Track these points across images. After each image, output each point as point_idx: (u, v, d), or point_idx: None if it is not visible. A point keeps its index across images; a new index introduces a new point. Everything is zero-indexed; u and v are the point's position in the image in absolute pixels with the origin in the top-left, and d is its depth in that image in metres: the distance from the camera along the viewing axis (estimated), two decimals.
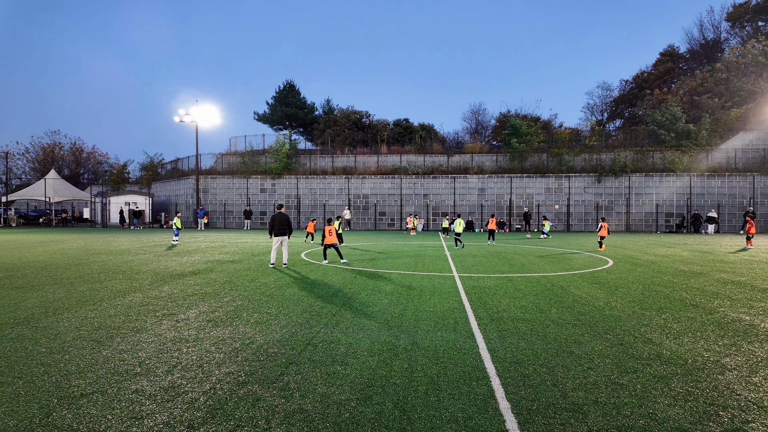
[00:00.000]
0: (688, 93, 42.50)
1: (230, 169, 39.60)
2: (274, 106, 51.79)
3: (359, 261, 13.86)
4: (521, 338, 5.61)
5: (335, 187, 37.41)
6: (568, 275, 11.00)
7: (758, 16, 50.51)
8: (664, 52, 54.37)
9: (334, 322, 6.36)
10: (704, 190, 33.78)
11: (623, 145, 36.94)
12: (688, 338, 5.65)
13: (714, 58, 49.53)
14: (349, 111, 47.58)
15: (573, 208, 34.99)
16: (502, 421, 3.44)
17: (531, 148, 36.57)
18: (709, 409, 3.68)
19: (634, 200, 34.38)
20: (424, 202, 36.51)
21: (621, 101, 55.59)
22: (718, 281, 10.08)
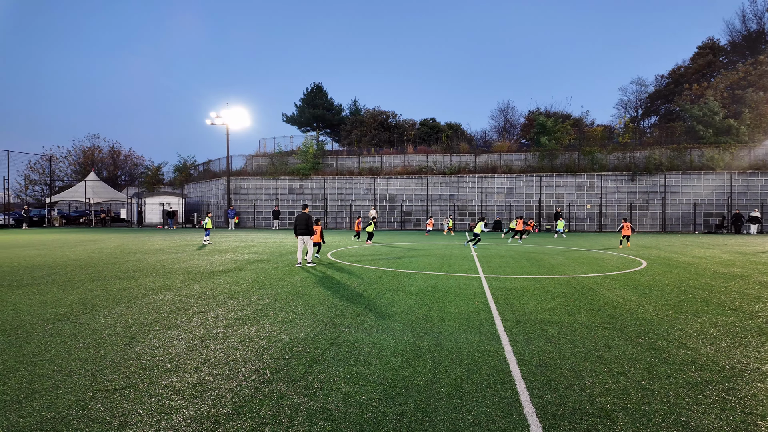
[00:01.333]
0: (729, 87, 40.59)
1: (259, 170, 40.39)
2: (302, 107, 52.52)
3: (384, 260, 13.88)
4: (548, 341, 5.49)
5: (362, 187, 37.60)
6: (599, 277, 10.70)
7: None
8: (703, 45, 52.08)
9: (358, 322, 6.40)
10: (746, 189, 32.19)
11: (658, 143, 35.63)
12: (725, 344, 5.40)
13: (758, 50, 47.11)
14: (375, 111, 47.73)
15: (605, 208, 34.00)
16: (527, 425, 3.38)
17: (561, 147, 35.75)
18: (746, 418, 3.51)
19: (670, 199, 33.12)
20: (451, 202, 36.23)
21: (656, 97, 53.63)
22: (760, 284, 9.59)
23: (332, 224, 37.61)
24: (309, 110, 51.42)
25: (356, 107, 53.90)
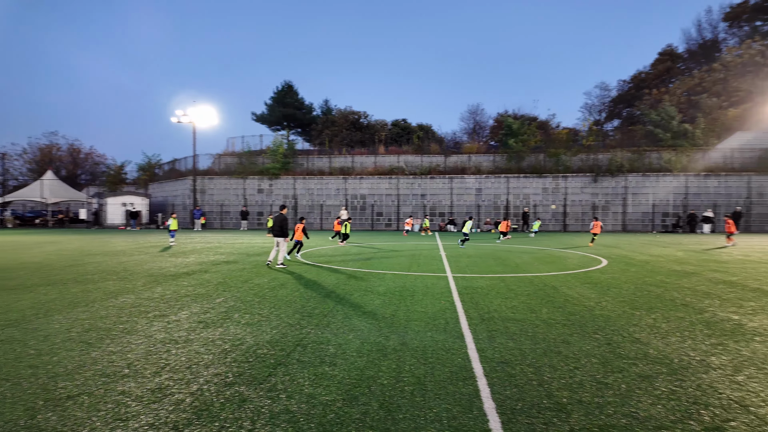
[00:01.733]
0: (686, 93, 42.64)
1: (227, 169, 39.60)
2: (272, 106, 51.83)
3: (354, 261, 13.88)
4: (510, 338, 5.63)
5: (333, 187, 37.43)
6: (561, 275, 11.04)
7: (756, 16, 50.65)
8: (662, 51, 54.50)
9: (325, 323, 6.38)
10: (700, 190, 33.86)
11: (620, 145, 37.01)
12: (675, 338, 5.68)
13: (712, 58, 49.65)
14: (347, 111, 47.63)
15: (570, 208, 35.05)
16: (486, 421, 3.47)
17: (528, 148, 36.63)
18: (691, 408, 3.71)
19: (630, 200, 34.46)
20: (422, 203, 36.54)
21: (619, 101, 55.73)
22: (710, 281, 10.12)
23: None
24: (279, 109, 50.79)
25: (328, 107, 53.65)
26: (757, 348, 5.28)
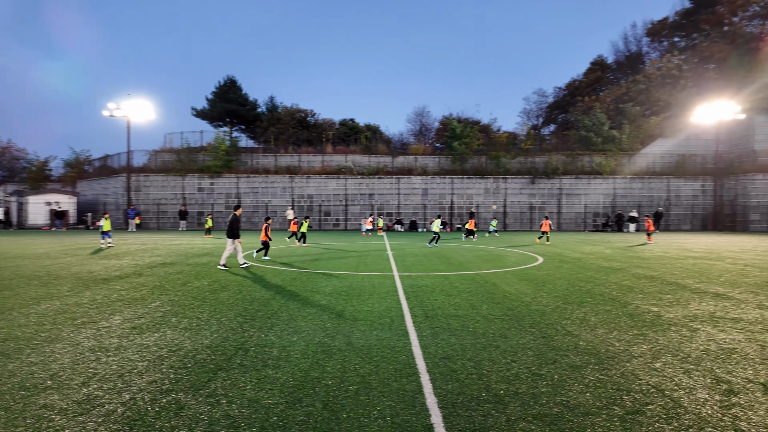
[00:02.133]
0: (614, 101, 45.81)
1: (165, 167, 37.66)
2: (214, 101, 49.87)
3: (300, 262, 13.70)
4: (452, 334, 5.81)
5: (278, 186, 36.66)
6: (501, 272, 11.51)
7: (674, 33, 55.40)
8: (594, 61, 58.22)
9: (269, 325, 6.25)
10: (627, 192, 36.55)
11: (556, 149, 39.17)
12: (603, 330, 6.11)
13: (637, 70, 53.70)
14: (293, 109, 46.83)
15: (509, 209, 36.60)
16: (428, 415, 3.56)
17: (471, 151, 37.84)
18: (615, 394, 4.01)
19: (565, 201, 36.54)
20: (370, 203, 36.68)
21: (555, 107, 58.84)
22: (634, 276, 10.97)
23: (246, 225, 36.21)
24: (221, 105, 48.96)
25: (273, 104, 52.40)
26: (672, 337, 5.79)
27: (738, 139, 37.05)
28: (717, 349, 5.29)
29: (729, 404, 3.80)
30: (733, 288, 9.30)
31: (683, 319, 6.71)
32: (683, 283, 9.95)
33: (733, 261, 14.07)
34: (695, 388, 4.12)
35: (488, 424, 3.43)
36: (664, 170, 37.36)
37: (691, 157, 37.68)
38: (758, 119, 35.41)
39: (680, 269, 12.19)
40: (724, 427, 3.40)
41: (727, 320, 6.63)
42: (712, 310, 7.32)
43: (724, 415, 3.59)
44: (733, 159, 36.82)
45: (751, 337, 5.79)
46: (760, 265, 13.13)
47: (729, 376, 4.41)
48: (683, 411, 3.66)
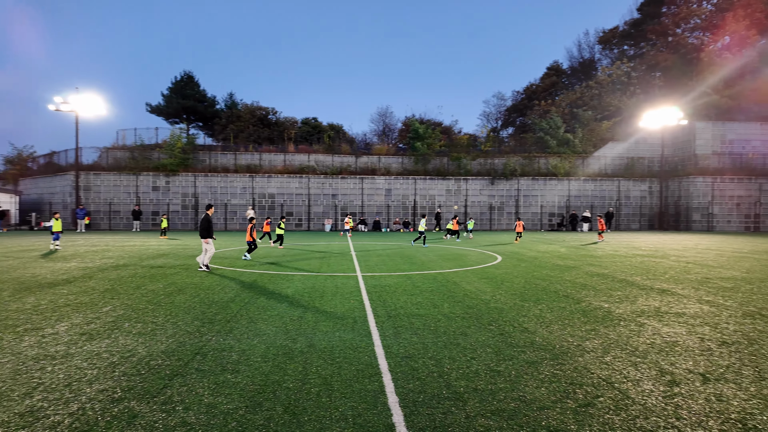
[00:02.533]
0: (569, 105, 47.67)
1: (117, 164, 35.98)
2: (170, 97, 48.14)
3: (261, 263, 13.44)
4: (414, 333, 5.87)
5: (238, 185, 35.81)
6: (462, 271, 11.74)
7: (624, 41, 58.31)
8: (550, 67, 60.41)
9: (228, 328, 6.11)
10: (580, 193, 38.14)
11: (514, 151, 40.36)
12: (557, 326, 6.35)
13: (590, 75, 56.14)
14: (254, 107, 45.90)
15: (470, 209, 37.38)
16: (390, 415, 3.58)
17: (433, 152, 38.39)
18: (568, 388, 4.18)
19: (522, 201, 37.71)
20: (333, 202, 36.47)
21: (513, 110, 60.61)
22: (586, 274, 11.46)
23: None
24: (178, 101, 47.33)
25: (233, 101, 51.18)
26: (621, 332, 6.10)
27: (681, 143, 39.43)
28: (662, 342, 5.61)
29: (672, 394, 4.04)
30: (676, 284, 9.90)
31: (631, 314, 7.08)
32: (632, 280, 10.50)
33: (676, 259, 14.96)
34: (642, 380, 4.35)
35: (448, 421, 3.50)
36: (615, 172, 39.24)
37: (639, 160, 39.76)
38: (699, 125, 37.82)
39: (629, 267, 12.84)
40: (668, 415, 3.62)
41: (671, 315, 7.05)
42: (657, 305, 7.76)
43: (668, 405, 3.82)
44: (676, 162, 39.16)
45: (692, 330, 6.18)
46: (700, 262, 14.03)
47: (672, 368, 4.70)
48: (631, 402, 3.86)
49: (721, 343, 5.58)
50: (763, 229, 35.79)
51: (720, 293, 8.82)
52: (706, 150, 37.65)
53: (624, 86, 46.72)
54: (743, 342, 5.61)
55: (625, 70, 47.74)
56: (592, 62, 62.57)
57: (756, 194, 35.80)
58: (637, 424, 3.47)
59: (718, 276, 11.07)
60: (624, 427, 3.41)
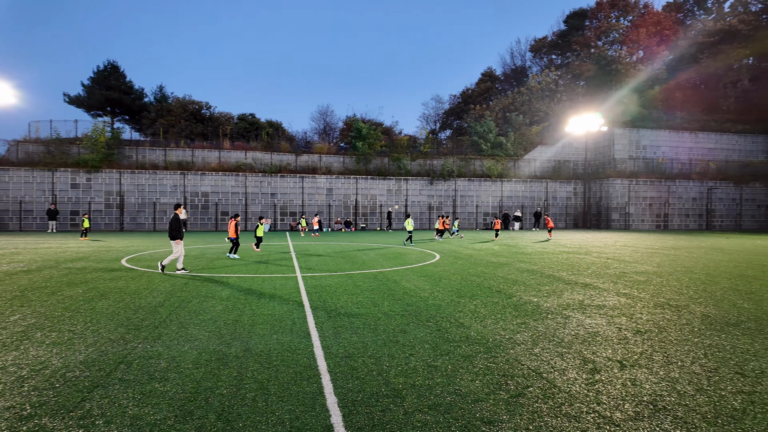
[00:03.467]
0: (502, 110, 49.89)
1: (30, 159, 32.71)
2: (92, 88, 44.55)
3: (193, 266, 12.81)
4: (354, 333, 5.86)
5: (168, 183, 33.87)
6: (402, 270, 11.91)
7: (552, 50, 62.05)
8: (484, 72, 62.89)
9: (156, 335, 5.75)
10: (512, 194, 40.08)
11: (451, 153, 41.60)
12: (491, 320, 6.62)
13: (521, 82, 59.15)
14: (186, 101, 43.66)
15: (410, 209, 38.02)
16: (328, 416, 3.55)
17: (374, 152, 38.62)
18: (500, 380, 4.36)
19: (459, 201, 38.97)
20: (272, 202, 35.55)
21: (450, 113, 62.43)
22: (518, 270, 12.05)
23: (131, 225, 32.92)
24: (101, 92, 43.90)
25: (163, 94, 48.29)
26: (549, 324, 6.47)
27: (602, 148, 42.64)
28: (585, 333, 6.03)
29: (593, 381, 4.34)
30: (597, 279, 10.68)
31: (558, 307, 7.54)
32: (558, 275, 11.18)
33: (597, 255, 16.15)
34: (567, 369, 4.65)
35: (387, 418, 3.53)
36: (544, 174, 41.66)
37: (565, 163, 42.48)
38: (617, 131, 41.10)
39: (556, 263, 13.67)
40: (590, 401, 3.89)
41: (593, 307, 7.59)
42: (581, 298, 8.32)
43: (590, 391, 4.10)
44: (598, 165, 42.30)
45: (611, 321, 6.69)
46: (618, 258, 15.25)
47: (594, 356, 5.05)
48: (557, 390, 4.11)
49: (635, 332, 6.08)
50: (671, 227, 39.59)
51: (635, 286, 9.63)
52: (623, 154, 40.99)
53: (552, 93, 49.72)
54: (654, 330, 6.16)
55: (553, 78, 50.82)
56: (523, 69, 66.01)
57: (665, 195, 39.53)
58: (563, 410, 3.70)
59: (633, 270, 12.09)
60: (551, 415, 3.62)
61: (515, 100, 50.40)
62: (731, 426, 3.44)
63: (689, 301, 8.10)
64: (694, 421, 3.52)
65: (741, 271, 11.92)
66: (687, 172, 41.21)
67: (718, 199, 40.48)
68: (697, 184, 40.17)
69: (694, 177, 40.54)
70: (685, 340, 5.66)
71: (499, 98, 55.02)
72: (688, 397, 3.97)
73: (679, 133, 42.37)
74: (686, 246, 20.49)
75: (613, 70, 47.25)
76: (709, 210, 40.30)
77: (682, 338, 5.76)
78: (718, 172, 41.36)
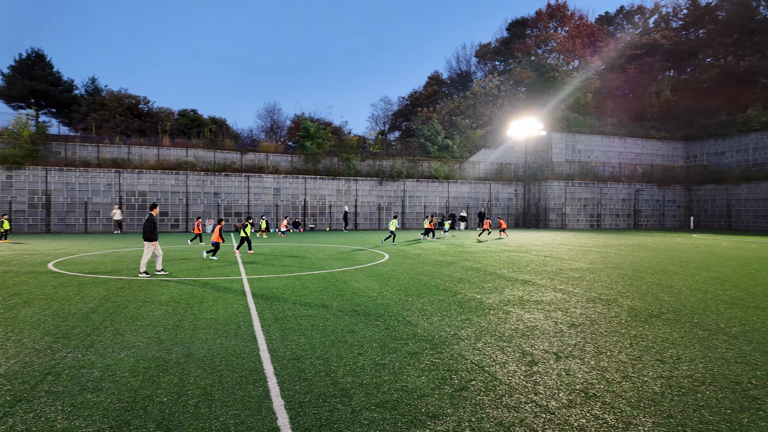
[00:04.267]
0: (448, 113, 51.14)
1: None
2: (14, 78, 40.95)
3: (130, 269, 12.12)
4: (302, 334, 5.82)
5: (102, 182, 31.75)
6: (351, 270, 11.93)
7: (496, 57, 64.36)
8: (431, 76, 64.16)
9: (88, 343, 5.41)
10: (458, 195, 41.22)
11: (400, 154, 42.11)
12: (437, 317, 6.80)
13: (466, 86, 60.93)
14: (122, 95, 41.17)
15: (360, 209, 38.09)
16: (275, 419, 3.51)
17: (324, 152, 38.30)
18: (445, 375, 4.50)
19: (408, 202, 39.54)
20: (215, 201, 34.28)
21: (399, 115, 63.12)
22: (463, 268, 12.44)
23: (59, 227, 30.54)
24: (24, 82, 40.42)
25: (95, 87, 45.22)
26: (491, 319, 6.74)
27: (541, 151, 44.82)
28: (524, 327, 6.34)
29: (531, 372, 4.59)
30: (536, 276, 11.24)
31: (500, 303, 7.87)
32: (500, 272, 11.66)
33: (536, 253, 16.99)
34: (508, 362, 4.88)
35: (334, 418, 3.55)
36: (487, 176, 43.19)
37: (507, 165, 44.26)
38: (554, 136, 43.36)
39: (498, 261, 14.24)
40: (528, 392, 4.11)
41: (531, 303, 7.99)
42: (521, 294, 8.73)
43: (528, 382, 4.33)
44: (537, 168, 44.42)
45: (548, 315, 7.08)
46: (555, 256, 16.12)
47: (532, 349, 5.34)
48: (498, 383, 4.30)
49: (570, 325, 6.48)
50: (603, 226, 42.33)
51: (570, 282, 10.24)
52: (560, 158, 43.32)
53: (495, 98, 51.61)
54: (587, 323, 6.59)
55: (495, 84, 52.77)
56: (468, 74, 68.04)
57: (598, 197, 42.22)
58: (503, 401, 3.89)
59: (569, 267, 12.84)
60: (492, 406, 3.79)
61: (461, 104, 51.84)
62: (651, 408, 3.76)
63: (618, 295, 8.73)
64: (620, 405, 3.82)
65: (663, 267, 12.99)
66: (617, 175, 44.22)
67: (644, 200, 43.78)
68: (626, 186, 43.24)
69: (624, 180, 43.60)
70: (614, 332, 6.11)
71: (445, 102, 56.35)
72: (615, 384, 4.29)
73: (610, 139, 45.38)
74: (616, 244, 22.02)
75: (551, 77, 49.84)
76: (636, 210, 43.50)
77: (611, 330, 6.21)
78: (644, 175, 44.74)
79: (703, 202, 43.92)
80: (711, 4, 54.30)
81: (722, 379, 4.41)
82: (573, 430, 3.40)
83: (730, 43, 50.12)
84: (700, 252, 17.73)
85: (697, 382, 4.33)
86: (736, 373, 4.55)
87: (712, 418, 3.59)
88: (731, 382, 4.33)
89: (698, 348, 5.39)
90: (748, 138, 41.54)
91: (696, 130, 47.25)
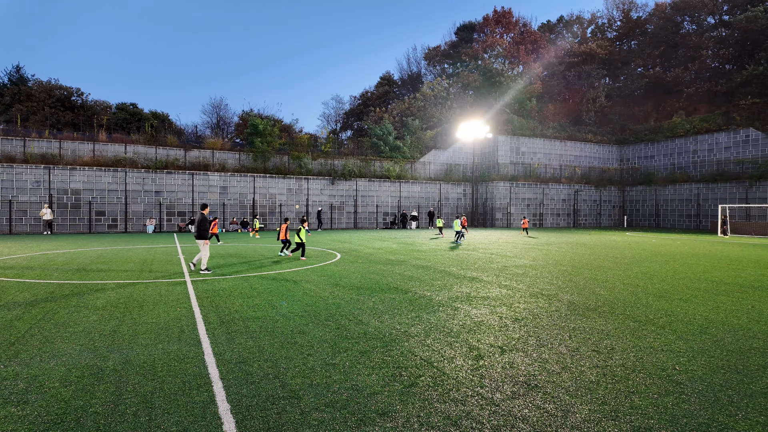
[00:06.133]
0: (399, 114, 51.67)
1: None
2: None
3: (61, 271, 11.30)
4: (250, 337, 5.67)
5: (29, 179, 29.35)
6: (302, 270, 11.77)
7: (445, 60, 65.74)
8: (382, 76, 64.60)
9: (11, 353, 4.99)
10: (410, 194, 41.76)
11: (352, 153, 42.04)
12: (388, 315, 6.86)
13: (417, 88, 61.80)
14: (51, 85, 38.28)
15: (312, 208, 37.64)
16: (220, 424, 3.41)
17: (273, 149, 37.50)
18: (395, 372, 4.55)
19: (360, 201, 39.55)
20: (157, 200, 32.64)
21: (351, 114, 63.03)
22: (414, 267, 12.62)
23: None
24: None
25: (21, 76, 41.73)
26: (440, 316, 6.89)
27: (488, 153, 46.33)
28: (471, 322, 6.53)
29: (477, 366, 4.74)
30: (483, 272, 11.61)
31: (448, 300, 8.06)
32: (449, 270, 11.94)
33: (483, 251, 17.54)
34: (455, 357, 5.01)
35: (283, 420, 3.49)
36: (437, 176, 44.07)
37: (456, 166, 45.37)
38: (500, 138, 44.97)
39: (447, 259, 14.57)
40: (474, 385, 4.24)
41: (478, 299, 8.25)
42: (468, 291, 8.99)
43: (474, 376, 4.47)
44: (484, 169, 45.89)
45: (493, 310, 7.34)
46: (500, 253, 16.72)
47: (478, 344, 5.51)
48: (446, 377, 4.41)
49: (514, 319, 6.75)
50: (545, 225, 44.40)
51: (514, 279, 10.66)
52: (505, 160, 44.98)
53: (444, 101, 52.78)
54: (530, 317, 6.89)
55: (445, 86, 53.96)
56: (419, 76, 69.08)
57: (540, 197, 44.24)
58: (451, 396, 3.99)
59: (513, 264, 13.36)
60: (440, 401, 3.88)
61: (412, 105, 52.54)
62: (588, 396, 4.00)
63: (558, 290, 9.20)
64: (559, 395, 4.02)
65: (599, 263, 13.82)
66: (558, 177, 46.55)
67: (582, 200, 46.38)
68: (566, 187, 45.62)
69: (564, 181, 45.96)
70: (554, 325, 6.43)
71: (397, 102, 56.90)
72: (555, 374, 4.52)
73: (551, 141, 47.69)
74: (557, 242, 23.18)
75: (497, 82, 51.65)
76: (576, 210, 46.01)
77: (552, 323, 6.54)
78: (582, 177, 47.40)
79: (635, 202, 47.18)
80: (641, 18, 58.48)
81: (650, 366, 4.76)
82: (516, 420, 3.55)
83: (657, 55, 54.22)
84: (632, 249, 19.04)
85: (629, 370, 4.65)
86: (662, 361, 4.93)
87: (641, 402, 3.87)
88: (658, 368, 4.69)
89: (630, 338, 5.79)
90: (673, 143, 45.10)
91: (628, 135, 50.75)
